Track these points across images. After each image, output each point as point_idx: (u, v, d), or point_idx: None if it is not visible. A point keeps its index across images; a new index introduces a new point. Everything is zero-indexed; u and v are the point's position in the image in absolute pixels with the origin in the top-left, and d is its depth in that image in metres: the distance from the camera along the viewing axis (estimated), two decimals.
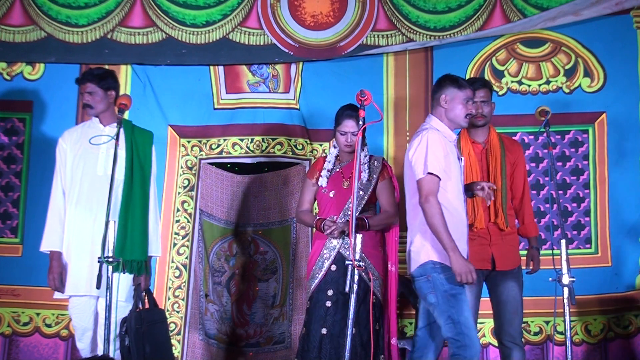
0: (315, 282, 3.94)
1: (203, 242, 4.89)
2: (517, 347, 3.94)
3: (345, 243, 3.92)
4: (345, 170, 4.04)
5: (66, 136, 3.96)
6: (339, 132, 3.97)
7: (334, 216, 3.95)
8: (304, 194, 4.12)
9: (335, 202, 3.98)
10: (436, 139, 3.51)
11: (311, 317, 3.90)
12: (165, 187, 4.85)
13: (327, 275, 3.93)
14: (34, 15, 4.91)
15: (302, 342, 3.92)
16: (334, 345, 3.83)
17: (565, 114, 4.79)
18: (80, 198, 3.84)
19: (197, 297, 4.83)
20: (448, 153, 3.54)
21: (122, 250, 3.71)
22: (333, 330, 3.85)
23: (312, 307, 3.92)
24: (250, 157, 4.95)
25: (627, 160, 4.81)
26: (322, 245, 3.97)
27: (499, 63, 4.97)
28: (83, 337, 3.88)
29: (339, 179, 4.02)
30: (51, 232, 3.87)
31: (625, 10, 4.88)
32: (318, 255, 3.97)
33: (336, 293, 3.89)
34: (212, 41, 4.95)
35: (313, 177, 4.09)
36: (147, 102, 4.89)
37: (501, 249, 3.91)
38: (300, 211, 4.11)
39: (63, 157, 3.91)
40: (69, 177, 3.88)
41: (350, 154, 4.02)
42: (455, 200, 3.55)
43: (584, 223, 4.82)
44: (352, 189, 3.94)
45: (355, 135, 3.94)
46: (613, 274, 4.76)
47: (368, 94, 3.38)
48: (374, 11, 4.98)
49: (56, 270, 3.84)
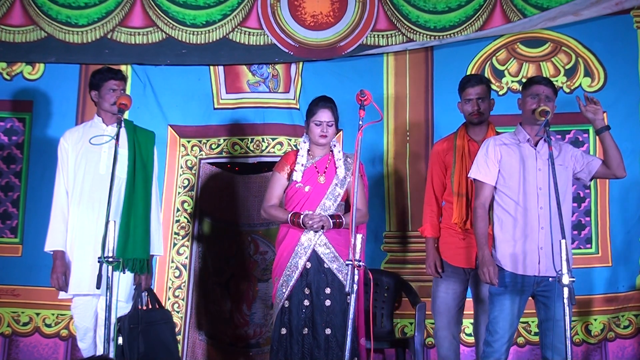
0: (292, 281, 3.90)
1: (203, 242, 4.89)
2: None
3: (320, 240, 3.92)
4: (320, 164, 4.02)
5: (68, 135, 3.94)
6: (314, 123, 3.96)
7: (310, 211, 3.93)
8: (273, 188, 4.03)
9: (310, 197, 3.95)
10: (490, 144, 3.75)
11: (292, 317, 3.87)
12: (165, 187, 4.85)
13: (302, 273, 3.91)
14: (34, 15, 4.91)
15: (283, 342, 3.86)
16: (315, 345, 3.83)
17: (566, 113, 4.78)
18: (83, 197, 3.83)
19: (197, 297, 4.83)
20: (503, 157, 3.72)
21: (124, 248, 3.71)
22: (312, 330, 3.84)
23: (292, 306, 3.88)
24: (250, 157, 4.95)
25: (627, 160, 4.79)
26: (294, 241, 3.92)
27: (499, 63, 4.96)
28: (85, 337, 3.87)
29: (313, 174, 3.99)
30: (55, 231, 3.85)
31: (625, 10, 4.88)
32: (292, 252, 3.92)
33: (312, 292, 3.89)
34: (212, 41, 4.95)
35: (283, 170, 4.02)
36: (147, 102, 4.88)
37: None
38: (268, 206, 4.01)
39: (65, 156, 3.89)
40: (71, 177, 3.86)
41: (324, 148, 4.03)
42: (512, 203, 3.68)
43: (584, 223, 4.82)
44: (328, 185, 3.96)
45: (330, 126, 3.97)
46: (613, 274, 4.76)
47: (368, 94, 3.37)
48: (374, 11, 4.98)
49: (60, 270, 3.81)
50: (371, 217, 4.23)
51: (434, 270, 4.07)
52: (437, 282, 4.12)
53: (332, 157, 4.05)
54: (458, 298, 4.09)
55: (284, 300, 3.91)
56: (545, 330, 3.66)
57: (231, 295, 4.95)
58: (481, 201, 3.75)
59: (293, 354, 3.84)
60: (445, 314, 4.08)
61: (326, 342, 3.83)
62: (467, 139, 4.08)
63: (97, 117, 3.96)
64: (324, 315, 3.86)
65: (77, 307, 3.86)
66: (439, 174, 4.15)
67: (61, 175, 3.89)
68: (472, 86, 4.04)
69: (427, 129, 4.90)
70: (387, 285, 4.72)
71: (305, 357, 3.83)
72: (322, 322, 3.85)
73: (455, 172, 4.04)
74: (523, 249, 3.63)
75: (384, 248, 4.87)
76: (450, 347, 4.09)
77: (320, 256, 3.92)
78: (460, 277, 4.07)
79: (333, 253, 3.92)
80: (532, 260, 3.61)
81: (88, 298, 3.81)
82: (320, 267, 3.91)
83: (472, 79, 4.10)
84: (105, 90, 3.88)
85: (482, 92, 4.06)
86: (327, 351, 3.81)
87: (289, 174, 4.02)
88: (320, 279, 3.90)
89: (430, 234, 4.13)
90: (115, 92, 3.86)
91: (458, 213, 4.01)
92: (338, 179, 3.98)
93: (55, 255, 3.84)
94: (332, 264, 3.91)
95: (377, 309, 4.68)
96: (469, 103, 4.05)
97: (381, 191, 4.90)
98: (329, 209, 3.96)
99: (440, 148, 4.18)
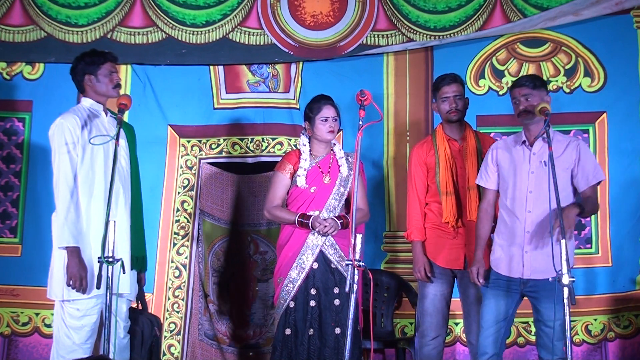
0: (299, 282, 3.91)
1: (203, 242, 4.88)
2: None
3: (327, 241, 3.92)
4: (323, 164, 4.03)
5: (71, 121, 3.61)
6: (320, 120, 3.97)
7: (317, 211, 3.94)
8: (276, 189, 4.02)
9: (316, 198, 3.96)
10: (492, 148, 3.84)
11: (298, 318, 3.88)
12: (165, 187, 4.85)
13: (309, 273, 3.91)
14: (34, 15, 4.91)
15: (288, 343, 3.86)
16: (321, 345, 3.84)
17: (566, 113, 4.79)
18: (103, 192, 3.55)
19: (197, 297, 4.83)
20: (499, 161, 3.75)
21: (136, 246, 3.67)
22: (319, 331, 3.84)
23: (297, 307, 3.89)
24: (250, 157, 4.95)
25: (627, 160, 4.81)
26: (300, 241, 3.93)
27: (499, 63, 4.96)
28: (90, 338, 3.61)
29: (318, 174, 4.00)
30: (69, 225, 3.48)
31: (625, 10, 4.88)
32: (298, 252, 3.92)
33: (319, 292, 3.89)
34: (212, 41, 4.95)
35: (285, 170, 4.02)
36: (147, 102, 4.88)
37: (473, 249, 3.90)
38: (272, 207, 4.01)
39: (73, 144, 3.58)
40: (86, 169, 3.58)
41: (326, 147, 4.05)
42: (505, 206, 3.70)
43: (584, 223, 4.81)
44: (333, 185, 3.96)
45: (335, 120, 4.00)
46: (613, 274, 4.76)
47: (368, 94, 3.37)
48: (374, 11, 4.97)
49: (77, 269, 3.43)
50: (371, 217, 4.23)
51: (424, 275, 4.07)
52: (425, 283, 4.13)
53: (334, 156, 4.06)
54: (445, 299, 4.11)
55: (289, 301, 3.91)
56: (537, 330, 3.71)
57: (231, 295, 4.95)
58: (484, 205, 3.83)
59: (298, 355, 3.84)
60: (435, 315, 4.09)
61: (336, 342, 3.83)
62: (447, 138, 4.10)
63: (94, 103, 3.68)
64: (333, 314, 3.87)
65: (92, 307, 3.55)
66: (421, 176, 4.15)
67: (68, 164, 3.53)
68: (448, 84, 4.07)
69: (427, 129, 4.90)
70: (387, 285, 4.72)
71: (310, 357, 3.83)
72: (331, 322, 3.86)
73: (440, 172, 4.06)
74: (509, 252, 3.67)
75: (384, 248, 4.87)
76: (436, 348, 4.10)
77: (328, 256, 3.93)
78: (447, 279, 4.10)
79: (339, 253, 3.94)
80: (517, 263, 3.64)
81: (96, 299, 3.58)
82: (327, 267, 3.92)
83: (447, 78, 4.11)
84: (104, 74, 3.67)
85: (458, 90, 4.08)
86: (337, 350, 3.80)
87: (291, 174, 4.02)
88: (328, 279, 3.91)
89: (417, 237, 4.12)
90: (113, 74, 3.69)
91: (449, 211, 4.02)
92: (342, 177, 3.99)
93: (71, 251, 3.47)
94: (339, 264, 3.92)
95: (377, 309, 4.68)
96: (446, 101, 4.06)
97: (381, 191, 4.90)
98: (335, 208, 3.96)
99: (421, 150, 4.18)
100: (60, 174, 3.53)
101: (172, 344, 4.77)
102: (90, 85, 3.69)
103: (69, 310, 3.54)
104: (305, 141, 4.07)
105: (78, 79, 3.72)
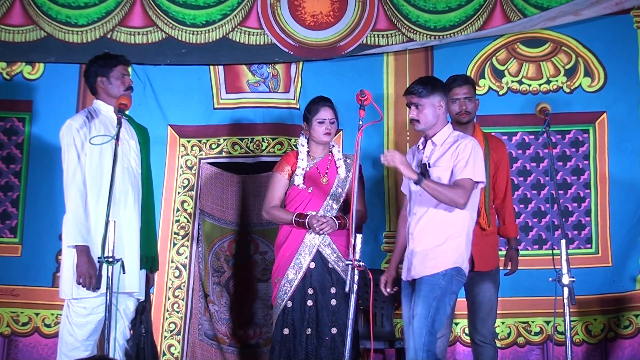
0: (296, 281, 3.91)
1: (203, 242, 4.89)
2: (489, 346, 4.01)
3: (324, 241, 3.92)
4: (321, 165, 4.03)
5: (79, 122, 3.65)
6: (317, 121, 3.98)
7: (314, 212, 3.94)
8: (274, 190, 4.04)
9: (314, 198, 3.97)
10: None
11: (295, 318, 3.88)
12: (165, 187, 4.85)
13: (306, 273, 3.92)
14: (34, 15, 4.91)
15: (286, 343, 3.86)
16: (317, 345, 3.84)
17: (566, 113, 4.79)
18: (106, 192, 3.46)
19: (197, 297, 4.83)
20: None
21: (147, 246, 3.67)
22: (316, 330, 3.84)
23: (295, 307, 3.89)
24: (250, 157, 4.95)
25: (627, 160, 4.81)
26: (298, 241, 3.93)
27: (499, 63, 4.96)
28: (92, 334, 3.61)
29: (316, 175, 4.00)
30: (79, 224, 3.50)
31: (625, 10, 4.88)
32: (295, 252, 3.93)
33: (316, 292, 3.89)
34: (212, 41, 4.95)
35: (283, 171, 4.04)
36: (147, 101, 4.88)
37: (481, 249, 3.90)
38: (270, 207, 4.03)
39: (80, 145, 3.61)
40: (95, 170, 3.60)
41: (324, 149, 4.06)
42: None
43: (584, 223, 4.82)
44: (331, 185, 3.97)
45: (332, 123, 4.00)
46: (613, 274, 4.76)
47: (368, 94, 3.38)
48: (374, 11, 4.97)
49: (86, 267, 3.46)
50: (371, 217, 4.23)
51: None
52: None
53: (332, 158, 4.06)
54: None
55: (286, 301, 3.91)
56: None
57: (231, 295, 4.95)
58: (402, 212, 3.85)
59: (296, 354, 3.84)
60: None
61: (332, 342, 3.84)
62: None
63: (104, 104, 3.73)
64: (330, 314, 3.87)
65: (99, 306, 3.51)
66: None
67: (77, 164, 3.56)
68: (459, 86, 4.04)
69: None
70: None
71: (309, 357, 3.84)
72: (328, 322, 3.86)
73: None
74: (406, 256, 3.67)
75: (384, 248, 4.87)
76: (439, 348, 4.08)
77: (325, 256, 3.93)
78: None
79: (337, 253, 3.94)
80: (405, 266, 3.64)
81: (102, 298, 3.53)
82: (324, 267, 3.92)
83: (459, 79, 4.08)
84: (116, 76, 3.72)
85: (469, 91, 4.06)
86: (334, 350, 3.82)
87: (289, 175, 4.02)
88: (325, 279, 3.91)
89: None
90: (125, 77, 3.75)
91: None
92: (340, 179, 4.00)
93: (80, 250, 3.49)
94: (336, 264, 3.92)
95: (377, 310, 4.68)
96: (456, 103, 4.03)
97: (381, 191, 4.90)
98: (332, 209, 3.97)
99: None
100: (69, 174, 3.58)
101: (172, 344, 4.77)
102: (102, 87, 3.74)
103: (75, 309, 3.57)
104: (304, 142, 4.08)
105: (90, 81, 3.78)
